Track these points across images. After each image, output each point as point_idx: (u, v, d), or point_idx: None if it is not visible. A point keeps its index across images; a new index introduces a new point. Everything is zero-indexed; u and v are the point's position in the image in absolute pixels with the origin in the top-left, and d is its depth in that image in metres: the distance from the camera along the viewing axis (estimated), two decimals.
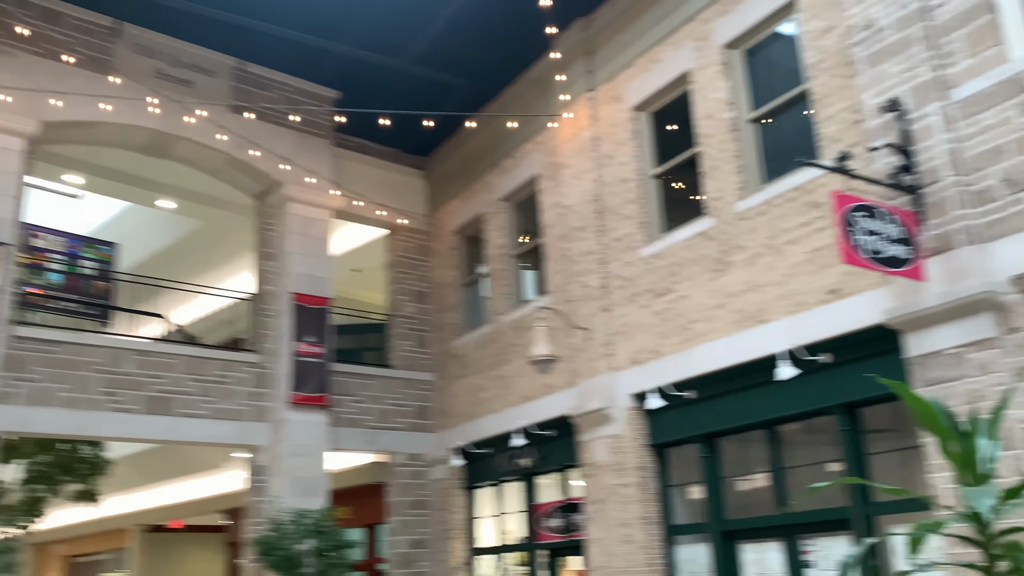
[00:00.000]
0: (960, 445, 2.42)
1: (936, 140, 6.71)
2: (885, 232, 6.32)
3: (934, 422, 2.40)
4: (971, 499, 2.36)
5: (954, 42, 6.83)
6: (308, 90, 12.94)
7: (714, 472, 8.99)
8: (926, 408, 2.38)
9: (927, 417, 2.42)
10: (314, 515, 10.66)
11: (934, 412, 2.37)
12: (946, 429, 2.43)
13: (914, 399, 2.43)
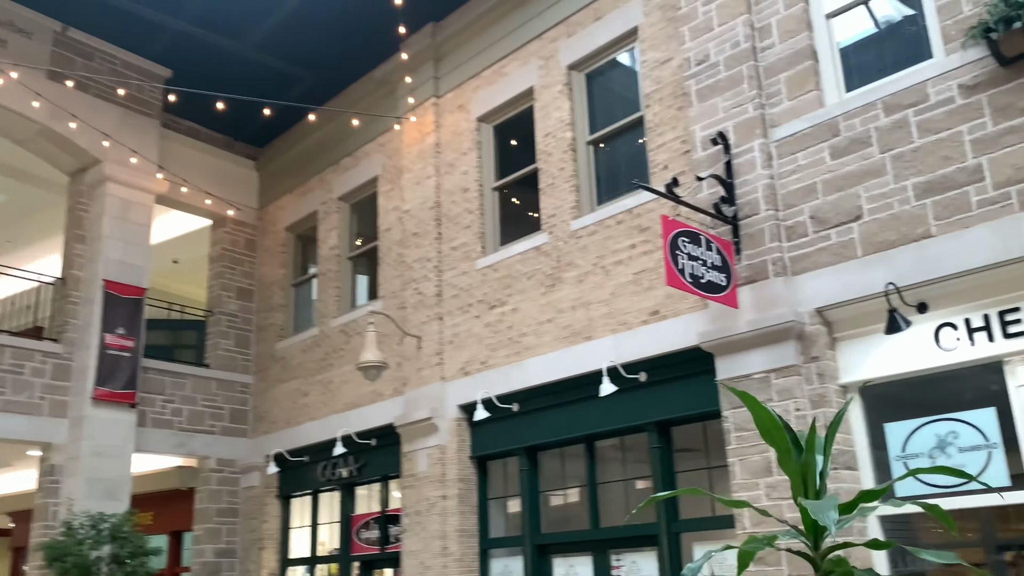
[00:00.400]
0: (798, 459, 2.47)
1: (755, 175, 7.08)
2: (706, 259, 6.58)
3: (776, 435, 2.43)
4: (816, 513, 2.40)
5: (778, 84, 7.23)
6: (137, 64, 12.13)
7: (533, 486, 9.06)
8: (770, 421, 2.42)
9: (770, 430, 2.45)
10: (112, 520, 9.92)
11: (778, 425, 2.42)
12: (786, 443, 2.47)
13: (759, 411, 2.46)
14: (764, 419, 2.39)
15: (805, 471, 2.36)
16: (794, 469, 2.35)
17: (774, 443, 2.39)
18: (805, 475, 2.36)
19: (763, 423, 2.39)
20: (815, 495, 2.33)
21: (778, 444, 2.37)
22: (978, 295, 5.97)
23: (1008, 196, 5.78)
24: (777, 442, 2.37)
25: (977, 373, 6.08)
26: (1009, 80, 5.90)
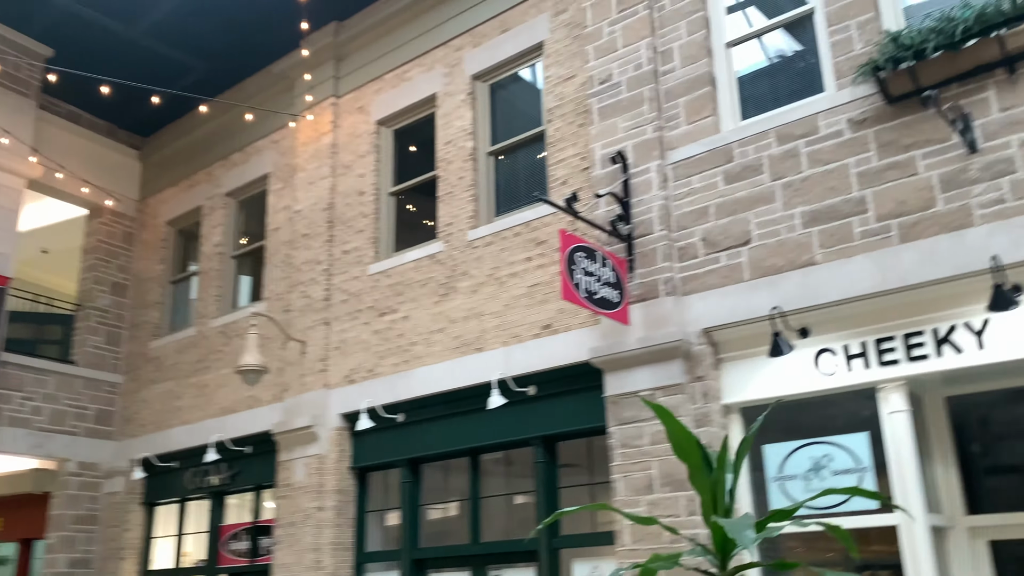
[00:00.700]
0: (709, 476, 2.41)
1: (652, 196, 7.16)
2: (600, 275, 6.59)
3: (690, 451, 2.36)
4: (733, 531, 2.33)
5: (677, 107, 7.36)
6: (15, 40, 11.37)
7: (414, 499, 8.86)
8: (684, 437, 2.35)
9: (683, 445, 2.38)
10: None
11: (692, 441, 2.35)
12: (699, 459, 2.41)
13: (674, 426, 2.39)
14: (678, 434, 2.33)
15: (715, 488, 2.32)
16: (705, 486, 2.31)
17: (687, 458, 2.34)
18: (715, 492, 2.32)
19: (677, 438, 2.34)
20: (724, 513, 2.28)
21: (691, 460, 2.32)
22: (857, 323, 6.18)
23: (889, 229, 6.02)
24: (690, 458, 2.32)
25: (852, 398, 6.29)
26: (894, 117, 6.16)
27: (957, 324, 5.79)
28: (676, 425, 2.25)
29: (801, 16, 7.07)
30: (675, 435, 2.28)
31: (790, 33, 7.29)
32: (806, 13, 7.02)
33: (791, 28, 7.25)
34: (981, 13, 5.68)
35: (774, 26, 7.32)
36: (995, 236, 5.57)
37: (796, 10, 7.15)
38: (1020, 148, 5.63)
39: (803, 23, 7.07)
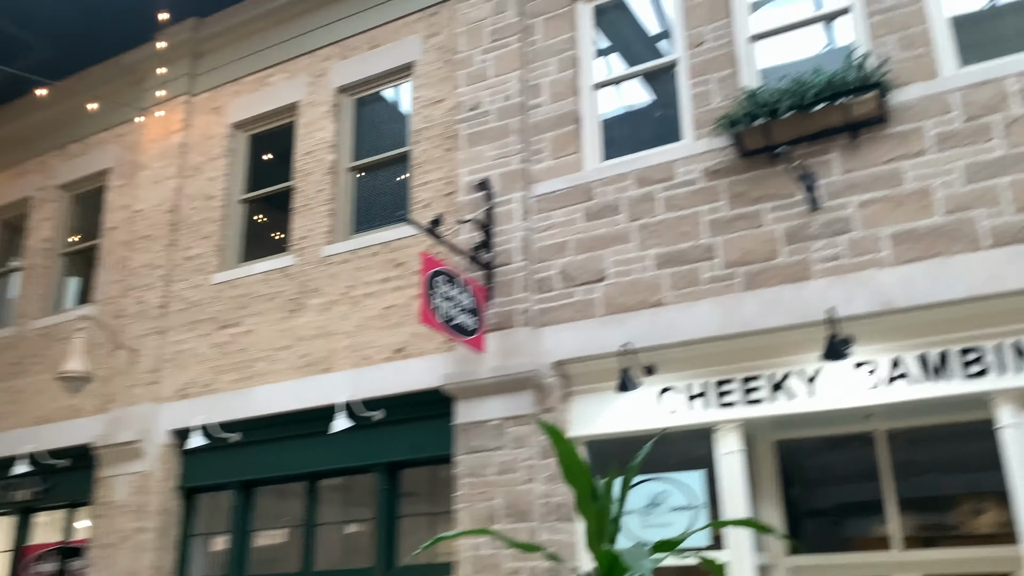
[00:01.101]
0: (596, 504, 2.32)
1: (514, 226, 7.19)
2: (459, 301, 6.53)
3: (580, 478, 2.28)
4: (631, 560, 2.26)
5: (543, 142, 7.45)
6: None
7: (244, 524, 8.42)
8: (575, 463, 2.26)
9: (574, 471, 2.30)
10: None
11: (583, 468, 2.27)
12: (589, 486, 2.33)
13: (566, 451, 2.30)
14: (570, 460, 2.25)
15: (601, 517, 2.25)
16: (592, 514, 2.24)
17: (577, 485, 2.27)
18: (601, 521, 2.25)
19: (568, 464, 2.26)
20: (610, 542, 2.22)
21: (580, 486, 2.25)
22: (700, 364, 6.40)
23: (734, 276, 6.29)
24: (580, 484, 2.25)
25: (692, 437, 6.49)
26: (747, 170, 6.47)
27: (792, 371, 6.11)
28: (568, 450, 2.18)
29: (665, 66, 7.34)
30: (567, 461, 2.21)
31: (654, 81, 7.56)
32: (670, 64, 7.29)
33: (655, 76, 7.52)
34: (830, 80, 6.08)
35: (639, 73, 7.56)
36: (831, 289, 5.93)
37: (661, 60, 7.43)
38: (858, 209, 6.03)
39: (666, 73, 7.34)
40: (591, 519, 2.14)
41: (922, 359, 5.76)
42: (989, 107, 5.82)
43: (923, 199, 5.86)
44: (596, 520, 2.12)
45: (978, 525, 7.17)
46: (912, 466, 6.71)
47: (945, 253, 5.69)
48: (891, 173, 6.00)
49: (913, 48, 6.20)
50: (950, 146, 5.87)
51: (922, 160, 5.93)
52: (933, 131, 5.95)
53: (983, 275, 5.54)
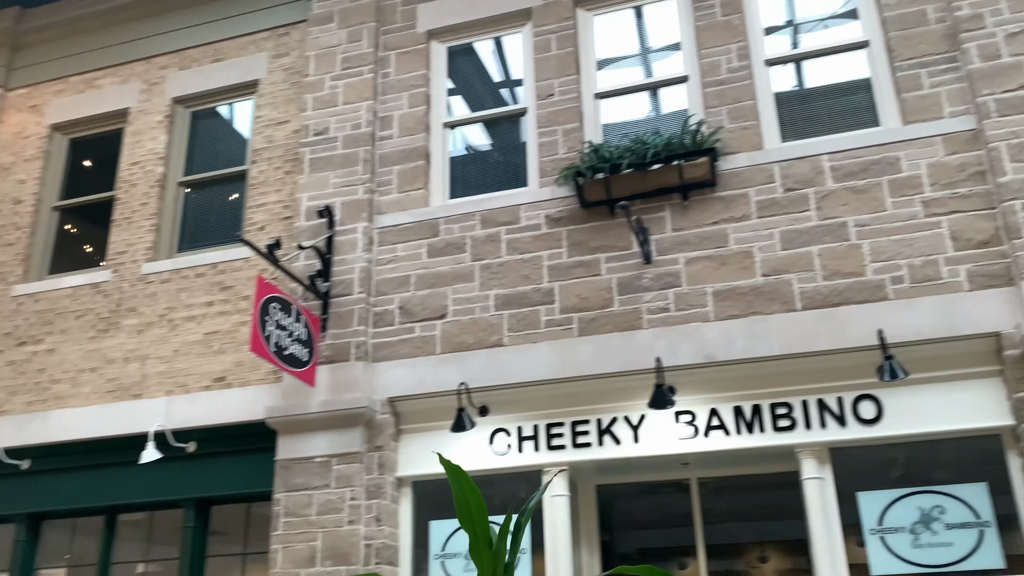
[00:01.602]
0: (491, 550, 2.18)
1: (355, 256, 7.05)
2: (293, 330, 6.30)
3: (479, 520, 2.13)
4: None
5: (391, 174, 7.39)
6: None
7: (28, 560, 7.62)
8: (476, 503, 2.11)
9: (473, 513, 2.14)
10: None
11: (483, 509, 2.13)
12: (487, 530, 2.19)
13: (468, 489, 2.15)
14: (473, 501, 2.13)
15: (496, 562, 2.14)
16: (488, 559, 2.12)
17: (474, 528, 2.14)
18: (495, 566, 2.14)
19: (466, 504, 2.14)
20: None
21: (478, 530, 2.12)
22: (532, 406, 6.48)
23: (571, 321, 6.45)
24: (478, 527, 2.13)
25: (519, 479, 6.54)
26: (587, 220, 6.69)
27: (619, 417, 6.30)
28: (472, 490, 2.06)
29: (515, 113, 7.50)
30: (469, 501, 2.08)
31: (504, 126, 7.70)
32: (519, 111, 7.47)
33: (505, 122, 7.66)
34: (668, 143, 6.42)
35: (490, 117, 7.68)
36: (658, 340, 6.19)
37: (511, 107, 7.59)
38: (686, 265, 6.36)
39: (516, 119, 7.51)
40: (485, 566, 2.04)
41: (737, 411, 6.10)
42: (805, 180, 6.34)
43: (745, 260, 6.26)
44: (491, 566, 2.03)
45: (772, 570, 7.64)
46: (720, 513, 7.08)
47: (763, 312, 6.09)
48: (718, 234, 6.39)
49: (742, 120, 6.68)
50: (770, 213, 6.33)
51: (746, 224, 6.35)
52: (756, 198, 6.40)
53: (795, 335, 5.96)
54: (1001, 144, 5.90)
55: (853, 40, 6.79)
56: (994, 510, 5.54)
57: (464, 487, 2.00)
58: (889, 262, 5.97)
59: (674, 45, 7.28)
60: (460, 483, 1.97)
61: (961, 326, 5.68)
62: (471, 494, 1.99)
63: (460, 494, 2.03)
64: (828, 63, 6.88)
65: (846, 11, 6.99)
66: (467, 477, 2.01)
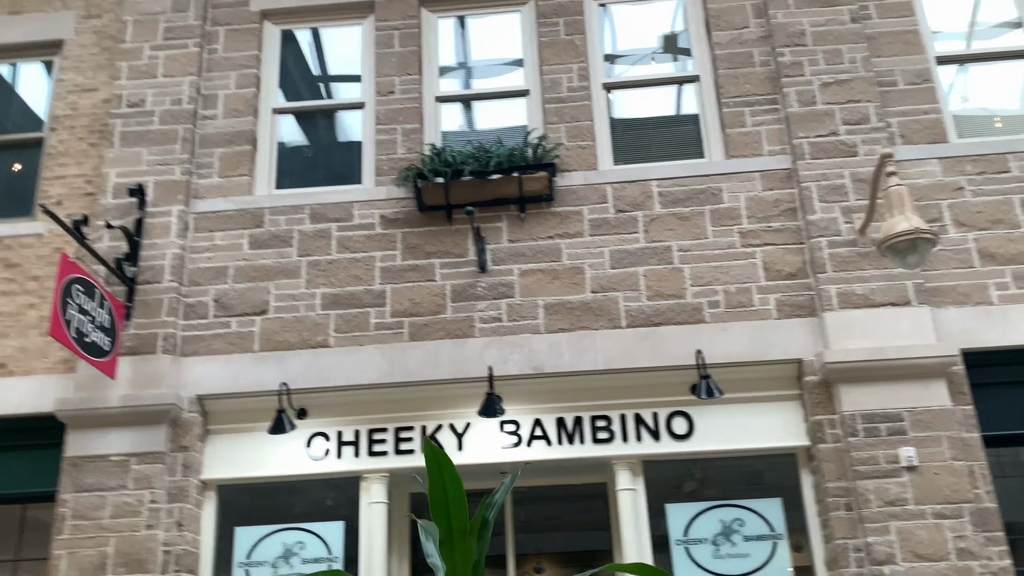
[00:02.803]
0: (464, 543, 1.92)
1: (167, 242, 6.53)
2: (96, 316, 5.71)
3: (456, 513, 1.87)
4: None
5: (212, 157, 6.93)
6: None
7: None
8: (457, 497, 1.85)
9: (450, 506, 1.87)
10: None
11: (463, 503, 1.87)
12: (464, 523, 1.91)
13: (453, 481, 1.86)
14: (450, 490, 1.86)
15: (467, 560, 1.90)
16: (461, 553, 1.87)
17: (449, 520, 1.88)
18: (466, 565, 1.90)
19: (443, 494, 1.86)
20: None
21: (454, 522, 1.87)
22: (355, 411, 6.26)
23: (402, 325, 6.31)
24: (454, 520, 1.87)
25: (336, 485, 6.30)
26: (423, 224, 6.58)
27: (444, 424, 6.22)
28: (454, 479, 1.81)
29: (352, 106, 7.27)
30: (448, 490, 1.81)
31: (339, 119, 7.43)
32: (358, 105, 7.24)
33: (341, 114, 7.40)
34: (511, 154, 6.45)
35: (325, 108, 7.39)
36: (489, 349, 6.19)
37: (349, 99, 7.35)
38: (519, 277, 6.41)
39: (353, 114, 7.26)
40: (460, 560, 1.83)
41: (559, 422, 6.21)
42: (635, 203, 6.58)
43: (576, 276, 6.40)
44: (465, 561, 1.82)
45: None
46: (533, 524, 7.18)
47: (590, 327, 6.25)
48: (552, 248, 6.49)
49: (580, 139, 6.84)
50: (602, 232, 6.51)
51: (579, 240, 6.50)
52: (590, 216, 6.57)
53: (619, 351, 6.16)
54: (812, 184, 6.42)
55: (685, 74, 7.16)
56: (786, 523, 5.98)
57: (446, 475, 1.78)
58: (707, 287, 6.31)
59: (517, 60, 7.34)
60: (442, 471, 1.77)
61: (768, 351, 6.10)
62: (452, 484, 1.78)
63: (439, 483, 1.80)
64: (661, 93, 7.21)
65: (681, 47, 7.36)
66: (451, 466, 1.80)
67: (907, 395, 5.83)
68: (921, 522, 5.52)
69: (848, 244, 6.25)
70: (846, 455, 5.77)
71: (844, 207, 6.36)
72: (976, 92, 7.04)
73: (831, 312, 6.06)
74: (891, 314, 6.04)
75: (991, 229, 6.36)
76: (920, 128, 6.70)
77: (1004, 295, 6.18)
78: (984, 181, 6.50)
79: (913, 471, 5.65)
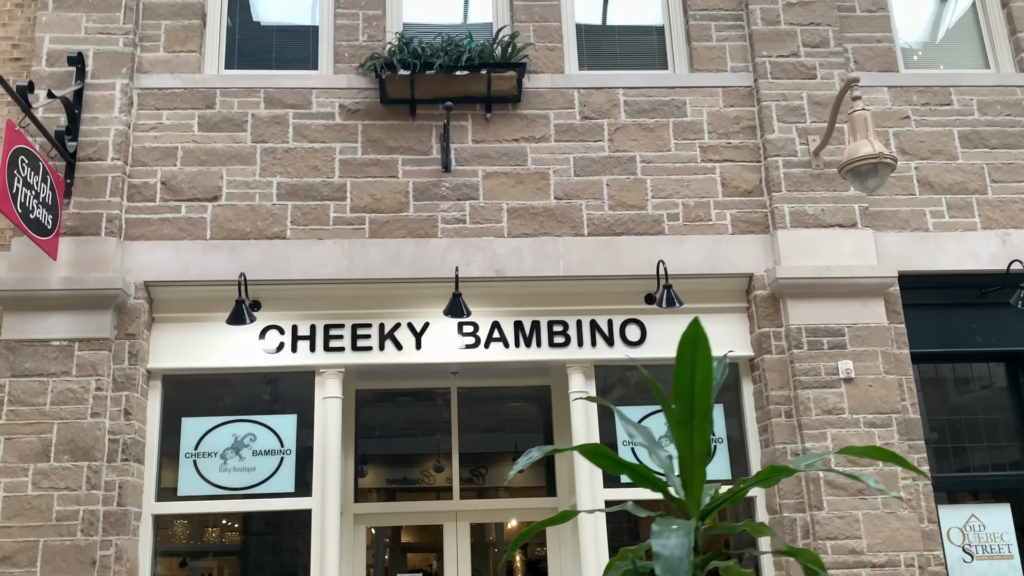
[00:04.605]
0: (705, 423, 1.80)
1: (110, 117, 6.11)
2: (40, 192, 5.32)
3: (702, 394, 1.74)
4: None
5: (159, 29, 6.46)
6: None
7: None
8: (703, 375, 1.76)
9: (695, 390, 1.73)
10: None
11: (707, 383, 1.78)
12: (708, 404, 1.81)
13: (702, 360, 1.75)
14: (703, 374, 1.73)
15: (704, 442, 1.79)
16: (701, 432, 1.77)
17: (692, 401, 1.75)
18: (702, 445, 1.79)
19: (691, 376, 1.72)
20: (702, 477, 1.84)
21: (698, 404, 1.75)
22: (311, 306, 6.14)
23: (362, 221, 6.16)
24: (698, 402, 1.75)
25: (289, 379, 6.21)
26: (386, 118, 6.37)
27: (402, 323, 6.18)
28: (707, 362, 1.68)
29: None
30: (698, 374, 1.67)
31: None
32: None
33: None
34: (482, 50, 6.28)
35: None
36: (452, 250, 6.14)
37: None
38: (484, 179, 6.33)
39: None
40: (699, 440, 1.72)
41: (517, 325, 6.27)
42: (601, 111, 6.56)
43: (540, 181, 6.38)
44: (702, 444, 1.72)
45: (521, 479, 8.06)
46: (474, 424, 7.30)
47: (553, 233, 6.27)
48: (517, 152, 6.42)
49: (548, 40, 6.71)
50: (568, 138, 6.48)
51: (544, 146, 6.45)
52: (556, 121, 6.51)
53: (579, 259, 6.22)
54: (772, 104, 6.54)
55: None
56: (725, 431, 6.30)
57: (699, 356, 1.67)
58: (667, 199, 6.41)
59: None
60: (697, 352, 1.68)
61: (721, 265, 6.29)
62: (703, 366, 1.68)
63: (689, 363, 1.68)
64: (630, 1, 7.12)
65: None
66: (708, 348, 1.64)
67: (848, 312, 6.16)
68: (854, 430, 5.91)
69: (803, 165, 6.44)
70: (789, 366, 6.08)
71: (800, 128, 6.52)
72: (923, 25, 7.28)
73: (783, 230, 6.28)
74: (838, 235, 6.31)
75: (931, 159, 6.67)
76: (873, 56, 6.89)
77: (939, 223, 6.54)
78: (928, 112, 6.78)
79: (850, 383, 6.01)
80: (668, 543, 1.39)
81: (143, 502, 5.76)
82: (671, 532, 1.42)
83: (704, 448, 1.71)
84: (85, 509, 5.34)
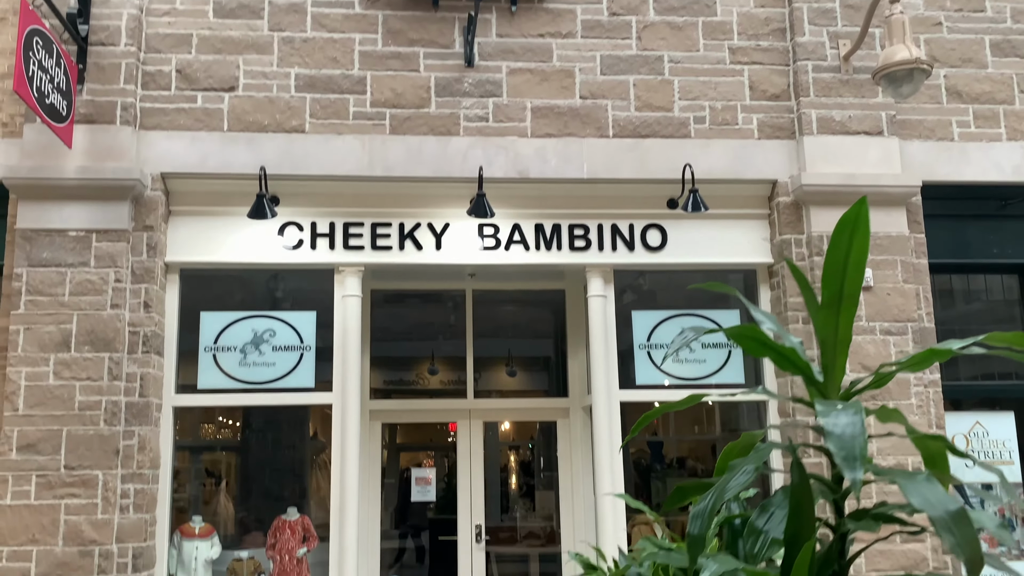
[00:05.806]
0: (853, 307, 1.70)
1: (123, 0, 5.86)
2: (54, 76, 5.13)
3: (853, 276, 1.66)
4: None
5: None
6: None
7: None
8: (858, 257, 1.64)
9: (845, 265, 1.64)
10: None
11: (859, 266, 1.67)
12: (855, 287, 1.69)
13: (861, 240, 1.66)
14: (857, 258, 1.60)
15: (847, 325, 1.69)
16: (841, 320, 1.66)
17: (842, 285, 1.63)
18: (846, 329, 1.69)
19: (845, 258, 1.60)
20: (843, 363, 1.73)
21: (848, 287, 1.63)
22: (330, 203, 6.04)
23: (383, 116, 6.01)
24: (848, 285, 1.64)
25: (309, 276, 6.17)
26: (408, 7, 6.15)
27: (423, 223, 6.11)
28: (863, 245, 1.57)
29: None
30: (852, 257, 1.58)
31: None
32: None
33: None
34: None
35: None
36: (474, 149, 6.02)
37: None
38: (508, 75, 6.17)
39: None
40: (842, 326, 1.63)
41: (538, 228, 6.21)
42: (630, 8, 6.36)
43: (566, 79, 6.22)
44: (846, 327, 1.63)
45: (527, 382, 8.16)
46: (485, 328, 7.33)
47: (577, 134, 6.15)
48: (542, 47, 6.24)
49: None
50: (594, 35, 6.29)
51: (570, 42, 6.27)
52: (582, 16, 6.31)
53: (603, 161, 6.12)
54: (804, 5, 6.35)
55: None
56: None
57: (856, 239, 1.57)
58: (694, 102, 6.28)
59: None
60: (855, 234, 1.61)
61: (746, 170, 6.21)
62: (858, 249, 1.58)
63: (844, 245, 1.58)
64: None
65: None
66: (867, 231, 1.55)
67: (872, 220, 6.11)
68: (870, 337, 5.97)
69: (832, 70, 6.30)
70: (810, 272, 6.07)
71: (832, 32, 6.36)
72: None
73: (810, 136, 6.19)
74: (864, 142, 6.23)
75: (960, 67, 6.55)
76: None
77: (964, 132, 6.46)
78: (961, 19, 6.62)
79: (868, 291, 6.02)
80: (839, 421, 1.38)
81: (163, 394, 5.78)
82: (839, 411, 1.41)
83: (847, 334, 1.67)
84: (108, 399, 5.35)
